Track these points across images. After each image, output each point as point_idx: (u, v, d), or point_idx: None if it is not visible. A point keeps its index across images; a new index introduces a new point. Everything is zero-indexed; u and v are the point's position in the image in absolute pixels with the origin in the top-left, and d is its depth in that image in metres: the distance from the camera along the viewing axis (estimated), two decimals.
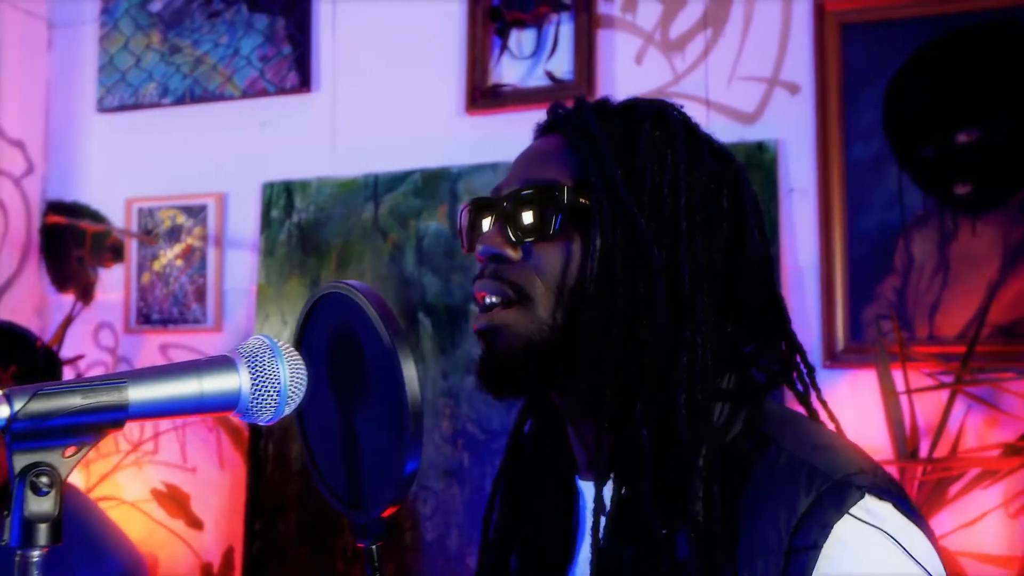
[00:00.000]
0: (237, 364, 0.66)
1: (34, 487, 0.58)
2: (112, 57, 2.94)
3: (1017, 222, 2.14)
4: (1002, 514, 2.00)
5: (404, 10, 2.67)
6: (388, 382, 0.64)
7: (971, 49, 2.20)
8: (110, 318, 2.90)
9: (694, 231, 0.85)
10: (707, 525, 0.76)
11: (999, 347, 2.11)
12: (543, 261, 0.86)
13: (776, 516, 0.77)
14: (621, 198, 0.84)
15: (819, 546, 0.75)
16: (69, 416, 0.59)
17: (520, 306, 0.86)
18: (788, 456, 0.81)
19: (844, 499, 0.76)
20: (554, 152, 0.92)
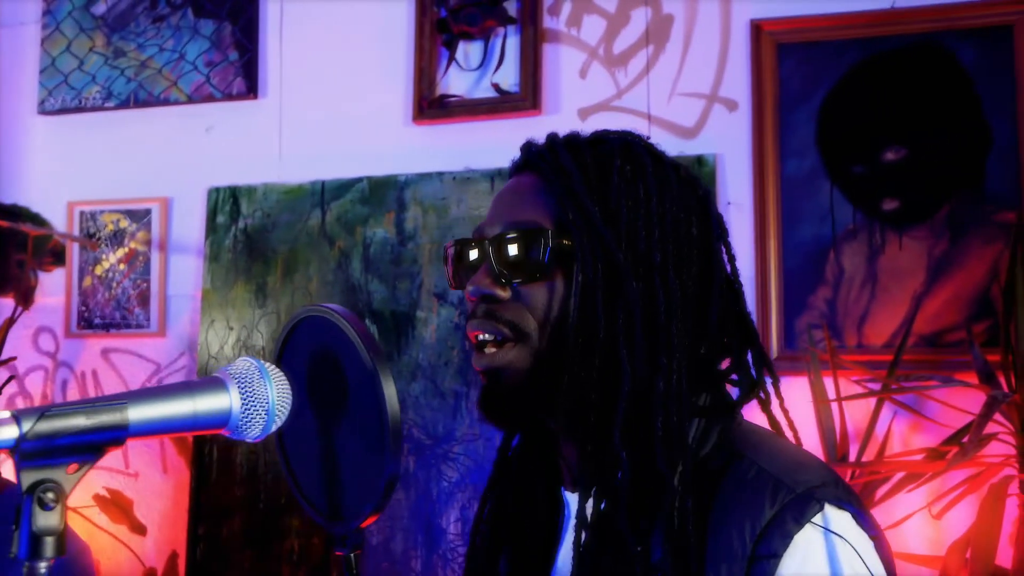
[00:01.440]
0: (227, 385, 0.70)
1: (41, 503, 0.61)
2: (54, 59, 2.91)
3: (941, 237, 2.25)
4: (926, 515, 2.10)
5: (352, 19, 2.70)
6: (368, 400, 0.68)
7: (898, 71, 2.31)
8: (50, 322, 2.88)
9: (667, 261, 0.91)
10: (680, 534, 0.82)
11: (923, 356, 2.22)
12: (532, 299, 0.91)
13: (742, 525, 0.82)
14: (600, 236, 0.89)
15: (779, 555, 0.81)
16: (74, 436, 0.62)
17: (517, 343, 0.91)
18: (757, 470, 0.87)
19: (805, 511, 0.83)
20: (532, 191, 0.96)
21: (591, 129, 2.50)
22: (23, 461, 0.62)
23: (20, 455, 0.61)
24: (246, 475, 2.58)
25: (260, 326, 2.64)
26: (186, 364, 2.75)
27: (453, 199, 2.54)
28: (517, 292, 0.92)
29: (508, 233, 0.93)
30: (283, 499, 2.55)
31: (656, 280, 0.90)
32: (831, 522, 0.82)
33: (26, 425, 0.61)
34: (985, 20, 2.27)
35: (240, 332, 2.65)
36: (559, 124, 2.49)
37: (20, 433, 0.61)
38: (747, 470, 0.87)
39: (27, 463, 0.62)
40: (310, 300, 2.61)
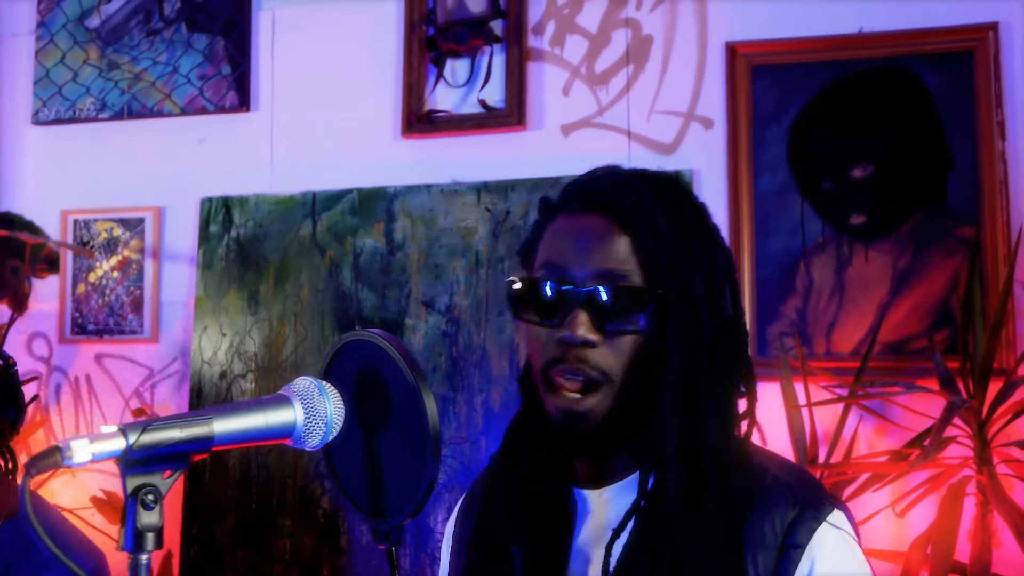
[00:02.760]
0: (292, 401, 0.79)
1: (143, 503, 0.71)
2: (48, 71, 2.98)
3: (905, 250, 2.38)
4: (889, 513, 2.22)
5: (342, 36, 2.80)
6: (410, 412, 0.78)
7: (865, 92, 2.44)
8: (44, 328, 2.94)
9: (720, 298, 1.02)
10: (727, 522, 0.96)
11: (888, 363, 2.34)
12: (623, 347, 0.99)
13: (772, 522, 0.98)
14: (692, 299, 0.99)
15: (803, 545, 0.97)
16: (170, 447, 0.71)
17: (603, 387, 0.99)
18: (773, 478, 1.02)
19: (820, 511, 0.99)
20: (611, 235, 1.01)
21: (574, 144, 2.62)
22: (128, 469, 0.71)
23: (125, 464, 0.71)
24: (239, 477, 2.66)
25: (252, 333, 2.73)
26: (179, 369, 2.83)
27: (441, 211, 2.64)
28: (610, 340, 0.99)
29: (605, 284, 0.98)
30: (275, 500, 2.63)
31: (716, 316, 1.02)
32: (838, 520, 1.00)
33: (131, 437, 0.70)
34: (947, 46, 2.40)
35: (233, 338, 2.74)
36: (543, 140, 2.62)
37: (127, 445, 0.70)
38: (764, 477, 1.02)
39: (131, 470, 0.71)
40: (301, 308, 2.70)
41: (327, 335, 2.67)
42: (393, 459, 0.82)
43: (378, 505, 0.84)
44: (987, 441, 2.06)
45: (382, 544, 0.84)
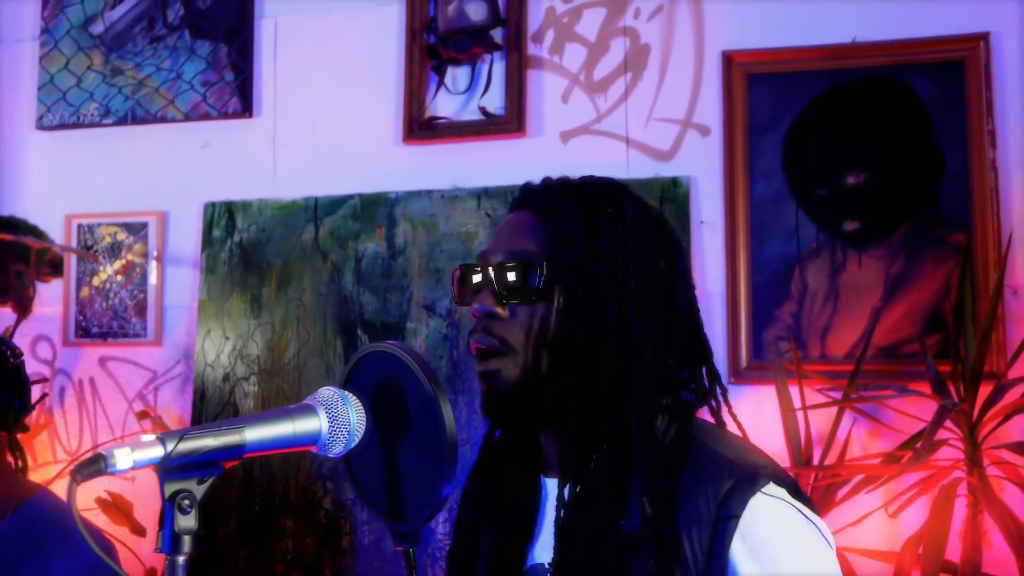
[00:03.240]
0: (318, 410, 0.83)
1: (180, 508, 0.75)
2: (52, 76, 3.01)
3: (897, 255, 2.43)
4: (882, 514, 2.26)
5: (344, 44, 2.83)
6: (428, 421, 0.82)
7: (859, 101, 2.48)
8: (48, 331, 2.97)
9: (639, 290, 1.07)
10: (655, 505, 0.99)
11: (881, 366, 2.39)
12: (524, 317, 1.07)
13: (706, 496, 1.00)
14: (583, 266, 1.05)
15: (738, 515, 0.98)
16: (205, 454, 0.75)
17: (506, 355, 1.06)
18: (711, 453, 1.05)
19: (755, 482, 1.01)
20: (528, 226, 1.12)
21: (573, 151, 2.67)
22: (165, 475, 0.75)
23: (163, 470, 0.75)
24: (242, 479, 2.70)
25: (255, 336, 2.76)
26: (182, 372, 2.86)
27: (441, 216, 2.68)
28: (513, 311, 1.08)
29: (508, 261, 1.09)
30: (277, 501, 2.67)
31: (631, 306, 1.07)
32: (775, 491, 1.01)
33: (169, 446, 0.74)
34: (939, 55, 2.44)
35: (236, 342, 2.77)
36: (542, 146, 2.67)
37: (165, 452, 0.74)
38: (704, 455, 1.05)
39: (168, 476, 0.75)
40: (303, 311, 2.74)
41: (329, 339, 2.71)
42: (411, 465, 0.86)
43: (397, 508, 0.88)
44: (978, 444, 2.11)
45: (400, 546, 0.88)
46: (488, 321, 1.09)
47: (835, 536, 2.16)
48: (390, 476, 0.87)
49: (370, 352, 0.89)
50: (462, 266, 1.16)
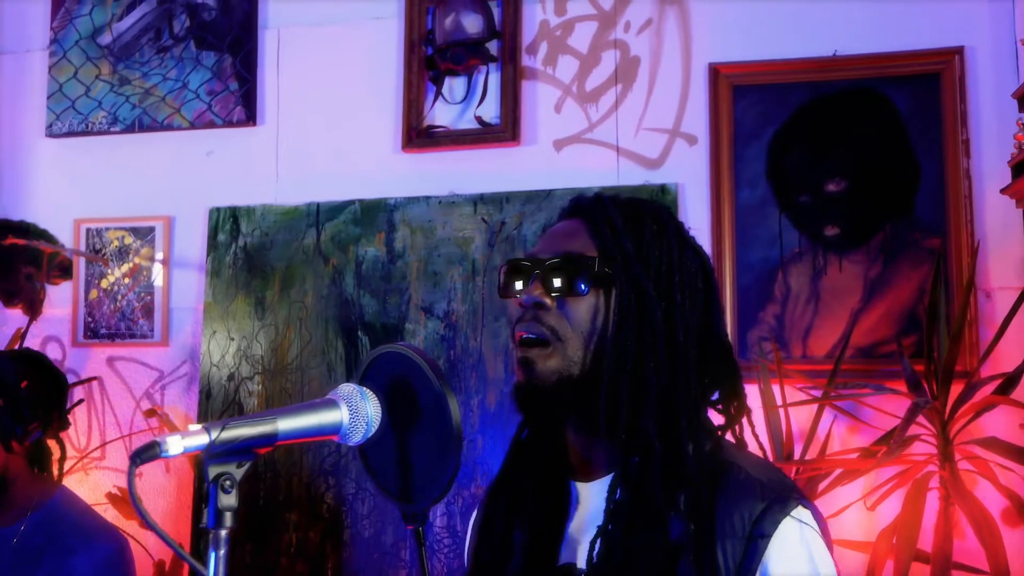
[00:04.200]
0: (339, 404, 0.94)
1: (223, 488, 0.85)
2: (61, 85, 3.11)
3: (876, 260, 2.54)
4: (861, 507, 2.37)
5: (345, 55, 2.94)
6: (436, 415, 0.92)
7: (839, 112, 2.59)
8: (57, 332, 3.07)
9: (684, 300, 1.16)
10: (699, 513, 1.08)
11: (860, 366, 2.50)
12: (572, 312, 1.14)
13: (741, 513, 1.09)
14: (635, 271, 1.14)
15: (769, 535, 1.07)
16: (243, 442, 0.86)
17: (553, 346, 1.13)
18: (745, 474, 1.14)
19: (786, 506, 1.10)
20: (579, 232, 1.20)
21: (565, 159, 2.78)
22: (210, 460, 0.85)
23: (208, 456, 0.85)
24: (247, 474, 2.79)
25: (259, 337, 2.87)
26: (188, 372, 2.96)
27: (439, 221, 2.79)
28: (561, 304, 1.15)
29: (558, 257, 1.17)
30: (281, 496, 2.77)
31: (676, 312, 1.16)
32: (802, 515, 1.11)
33: (213, 434, 0.84)
34: (916, 68, 2.55)
35: (240, 342, 2.87)
36: (536, 154, 2.78)
37: (210, 440, 0.84)
38: (737, 474, 1.14)
39: (212, 461, 0.85)
40: (306, 313, 2.84)
41: (331, 339, 2.82)
42: (421, 453, 0.96)
43: (407, 492, 0.98)
44: (949, 439, 2.22)
45: (411, 525, 0.98)
46: (536, 311, 1.14)
47: None
48: (402, 463, 0.97)
49: (384, 352, 0.99)
50: (510, 260, 1.22)
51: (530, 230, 2.71)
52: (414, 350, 0.96)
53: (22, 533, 1.83)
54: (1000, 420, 2.31)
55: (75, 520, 1.89)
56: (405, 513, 0.99)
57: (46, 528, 1.85)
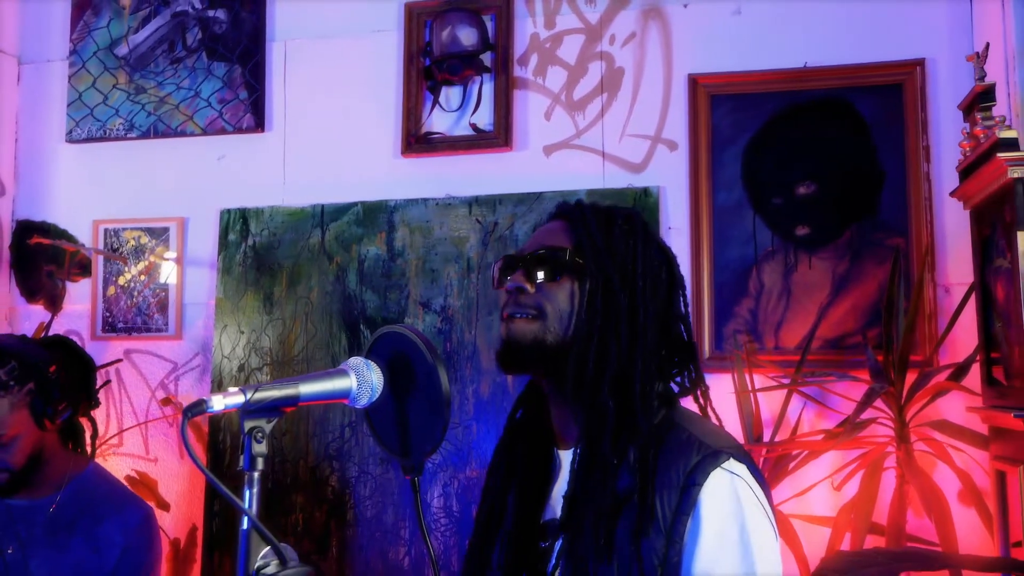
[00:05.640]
0: (349, 372, 1.12)
1: (255, 438, 1.04)
2: (80, 94, 3.30)
3: (843, 257, 2.72)
4: (828, 486, 2.56)
5: (348, 66, 3.13)
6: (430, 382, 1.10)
7: (809, 119, 2.78)
8: (77, 326, 3.26)
9: (646, 288, 1.36)
10: (644, 466, 1.26)
11: (828, 356, 2.68)
12: (550, 294, 1.35)
13: (678, 466, 1.27)
14: (602, 261, 1.34)
15: (700, 484, 1.25)
16: (272, 401, 1.04)
17: (536, 319, 1.33)
18: (688, 435, 1.32)
19: (717, 458, 1.28)
20: (561, 229, 1.41)
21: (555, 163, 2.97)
22: (245, 416, 1.04)
23: (244, 413, 1.04)
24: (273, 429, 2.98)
25: (267, 330, 3.06)
26: (200, 363, 3.15)
27: (436, 222, 2.98)
28: (540, 288, 1.35)
29: (539, 250, 1.37)
30: (288, 479, 2.96)
31: (638, 298, 1.35)
32: (734, 467, 1.28)
33: (248, 395, 1.03)
34: (881, 79, 2.74)
35: (250, 336, 3.06)
36: (527, 159, 2.97)
37: (245, 400, 1.03)
38: (681, 434, 1.32)
39: (246, 417, 1.04)
40: (311, 308, 3.03)
41: (335, 333, 3.01)
42: (416, 415, 1.14)
43: (405, 447, 1.17)
44: (905, 422, 2.41)
45: (408, 475, 1.17)
46: (518, 295, 1.35)
47: (785, 504, 2.48)
48: (400, 424, 1.16)
49: (387, 331, 1.18)
50: (504, 257, 1.43)
51: (521, 230, 2.90)
52: (412, 330, 1.15)
53: (57, 503, 2.02)
54: (954, 405, 2.50)
55: (106, 491, 2.08)
56: (404, 465, 1.17)
57: (79, 499, 2.03)
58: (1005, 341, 2.13)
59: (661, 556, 1.22)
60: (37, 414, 1.97)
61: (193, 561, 3.03)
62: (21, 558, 1.97)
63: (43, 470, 2.00)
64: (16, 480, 1.95)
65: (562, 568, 1.27)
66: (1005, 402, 2.12)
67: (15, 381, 1.92)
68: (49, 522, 2.00)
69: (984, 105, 2.13)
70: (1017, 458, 2.03)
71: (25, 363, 1.96)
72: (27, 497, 2.00)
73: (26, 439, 1.95)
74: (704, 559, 1.21)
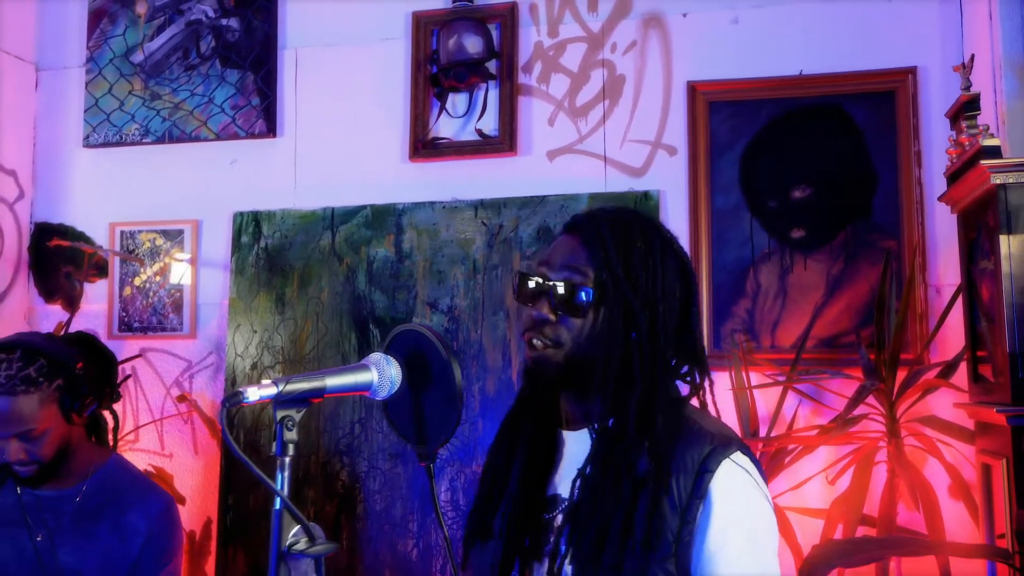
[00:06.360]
0: (370, 367, 1.22)
1: (287, 426, 1.13)
2: (97, 100, 3.40)
3: (837, 259, 2.82)
4: (821, 479, 2.65)
5: (357, 73, 3.22)
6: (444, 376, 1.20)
7: (805, 125, 2.87)
8: (94, 326, 3.35)
9: (665, 310, 1.44)
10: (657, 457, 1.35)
11: (823, 355, 2.77)
12: (572, 323, 1.42)
13: (692, 453, 1.37)
14: (623, 291, 1.41)
15: (712, 471, 1.35)
16: (301, 393, 1.13)
17: (556, 348, 1.41)
18: (699, 427, 1.41)
19: (727, 449, 1.38)
20: (578, 250, 1.46)
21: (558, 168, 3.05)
22: (277, 406, 1.13)
23: (276, 403, 1.13)
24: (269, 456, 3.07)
25: (279, 330, 3.15)
26: (214, 362, 3.25)
27: (443, 224, 3.07)
28: (563, 319, 1.42)
29: (560, 281, 1.43)
30: (301, 474, 3.06)
31: (658, 321, 1.43)
32: (740, 459, 1.39)
33: (280, 387, 1.12)
34: (874, 87, 2.83)
35: (263, 335, 3.16)
36: (531, 164, 3.06)
37: (278, 391, 1.12)
38: (693, 426, 1.42)
39: (279, 406, 1.13)
40: (322, 308, 3.13)
41: (345, 332, 3.10)
42: (431, 407, 1.23)
43: (421, 436, 1.26)
44: (896, 418, 2.50)
45: (423, 462, 1.26)
46: (543, 324, 1.42)
47: (781, 497, 2.56)
48: (417, 415, 1.25)
49: (405, 329, 1.27)
50: (521, 274, 1.49)
51: (526, 232, 3.00)
52: (427, 328, 1.24)
53: (83, 493, 2.11)
54: (943, 402, 2.59)
55: (129, 481, 2.18)
56: (419, 453, 1.27)
57: (104, 488, 2.13)
58: (990, 339, 2.22)
59: (675, 534, 1.32)
60: (65, 408, 2.06)
61: (208, 554, 3.13)
62: (50, 546, 2.07)
63: (70, 462, 2.10)
64: (45, 471, 2.05)
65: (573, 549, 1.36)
66: (990, 398, 2.21)
67: (44, 378, 2.02)
68: (76, 511, 2.09)
69: (969, 114, 2.22)
70: (1001, 452, 2.12)
71: (54, 360, 2.05)
72: (55, 488, 2.10)
73: (55, 432, 2.04)
74: (715, 539, 1.32)
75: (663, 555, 1.31)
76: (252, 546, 3.07)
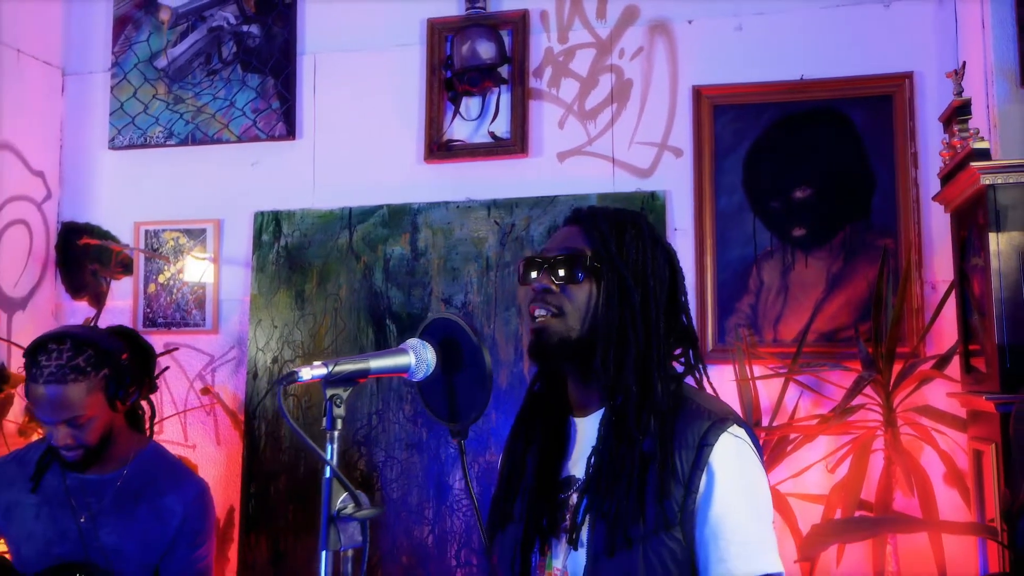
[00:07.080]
0: (408, 351, 1.33)
1: (336, 403, 1.24)
2: (122, 104, 3.52)
3: (837, 257, 2.93)
4: (821, 467, 2.77)
5: (374, 78, 3.35)
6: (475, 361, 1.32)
7: (805, 128, 2.98)
8: (120, 322, 3.45)
9: (655, 285, 1.56)
10: (661, 434, 1.46)
11: (823, 349, 2.89)
12: (572, 294, 1.53)
13: (693, 429, 1.47)
14: (617, 264, 1.53)
15: (712, 444, 1.45)
16: (348, 373, 1.25)
17: (558, 317, 1.52)
18: (697, 405, 1.52)
19: (725, 423, 1.49)
20: (578, 234, 1.58)
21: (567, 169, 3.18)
22: (327, 385, 1.25)
23: (326, 382, 1.25)
24: (289, 445, 3.20)
25: (299, 325, 3.27)
26: (236, 356, 3.37)
27: (457, 224, 3.19)
28: (563, 288, 1.52)
29: (560, 254, 1.55)
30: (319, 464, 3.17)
31: (649, 294, 1.55)
32: (738, 432, 1.49)
33: (330, 368, 1.24)
34: (872, 91, 2.94)
35: (283, 330, 3.28)
36: (542, 165, 3.18)
37: (328, 371, 1.24)
38: (691, 404, 1.52)
39: (328, 386, 1.25)
40: (340, 304, 3.25)
41: (362, 327, 3.22)
42: (462, 388, 1.35)
43: (454, 415, 1.38)
44: (892, 408, 2.61)
45: (456, 439, 1.38)
46: (544, 294, 1.53)
47: (782, 484, 2.67)
48: (449, 395, 1.37)
49: (438, 317, 1.39)
50: (526, 258, 1.61)
51: (537, 231, 3.11)
52: (460, 317, 1.36)
53: (124, 477, 2.23)
54: (938, 393, 2.70)
55: (166, 467, 2.30)
56: (452, 430, 1.38)
57: (143, 473, 2.25)
58: (981, 332, 2.34)
59: (680, 504, 1.43)
60: (110, 397, 2.18)
61: (231, 540, 3.25)
62: (92, 526, 2.18)
63: (112, 447, 2.21)
64: (89, 456, 2.16)
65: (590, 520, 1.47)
66: (981, 387, 2.33)
67: (92, 367, 2.13)
68: (117, 494, 2.21)
69: (961, 118, 2.34)
70: (991, 437, 2.23)
71: (101, 351, 2.17)
72: (98, 472, 2.21)
73: (100, 419, 2.16)
74: (718, 504, 1.43)
75: (669, 524, 1.42)
76: (273, 532, 3.19)
